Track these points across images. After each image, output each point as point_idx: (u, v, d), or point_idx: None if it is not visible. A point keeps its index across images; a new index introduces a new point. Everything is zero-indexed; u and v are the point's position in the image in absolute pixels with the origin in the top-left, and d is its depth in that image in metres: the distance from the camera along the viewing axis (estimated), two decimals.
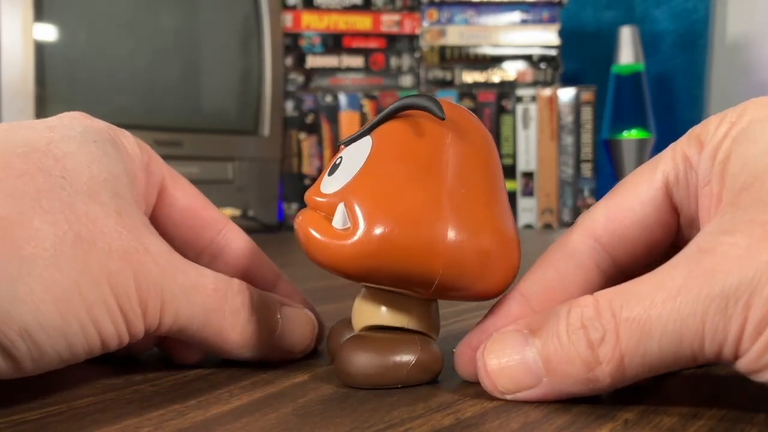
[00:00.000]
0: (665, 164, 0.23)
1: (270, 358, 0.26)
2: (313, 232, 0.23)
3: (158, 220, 0.27)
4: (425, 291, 0.23)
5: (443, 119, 0.23)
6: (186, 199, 0.28)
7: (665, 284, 0.19)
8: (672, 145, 0.23)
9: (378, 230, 0.22)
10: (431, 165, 0.23)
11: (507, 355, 0.21)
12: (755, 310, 0.18)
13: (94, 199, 0.22)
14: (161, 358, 0.28)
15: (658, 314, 0.19)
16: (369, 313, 0.25)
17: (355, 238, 0.22)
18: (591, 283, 0.24)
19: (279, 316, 0.26)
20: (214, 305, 0.24)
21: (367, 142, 0.24)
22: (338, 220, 0.23)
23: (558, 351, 0.20)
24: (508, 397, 0.22)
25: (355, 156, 0.24)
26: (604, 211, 0.24)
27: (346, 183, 0.23)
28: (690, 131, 0.23)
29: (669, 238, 0.24)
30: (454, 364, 0.24)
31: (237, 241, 0.29)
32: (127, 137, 0.26)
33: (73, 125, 0.24)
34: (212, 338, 0.24)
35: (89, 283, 0.21)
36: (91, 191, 0.22)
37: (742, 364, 0.19)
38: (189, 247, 0.28)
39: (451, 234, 0.22)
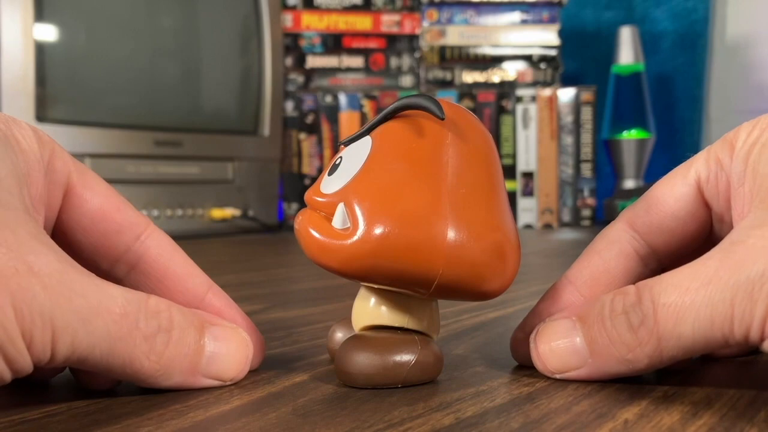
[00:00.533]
0: (699, 164, 0.25)
1: (194, 386, 0.23)
2: (313, 232, 0.23)
3: (65, 226, 0.24)
4: (425, 291, 0.23)
5: (443, 119, 0.23)
6: (97, 199, 0.24)
7: (699, 273, 0.21)
8: (707, 148, 0.25)
9: (378, 230, 0.22)
10: (431, 165, 0.23)
11: (556, 339, 0.24)
12: None
13: None
14: None
15: (692, 300, 0.21)
16: (369, 312, 0.25)
17: (355, 237, 0.22)
18: (631, 269, 0.26)
19: (205, 339, 0.23)
20: (121, 332, 0.20)
21: (366, 142, 0.24)
22: (338, 220, 0.23)
23: (602, 334, 0.23)
24: (557, 376, 0.24)
25: (355, 156, 0.24)
26: (643, 205, 0.26)
27: (346, 183, 0.23)
28: (724, 136, 0.25)
29: (702, 231, 0.26)
30: (510, 348, 0.27)
31: (158, 248, 0.25)
32: (23, 129, 0.22)
33: None
34: (120, 368, 0.21)
35: None
36: None
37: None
38: (102, 256, 0.24)
39: (451, 234, 0.22)
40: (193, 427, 0.20)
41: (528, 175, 1.25)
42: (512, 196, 1.25)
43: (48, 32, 0.92)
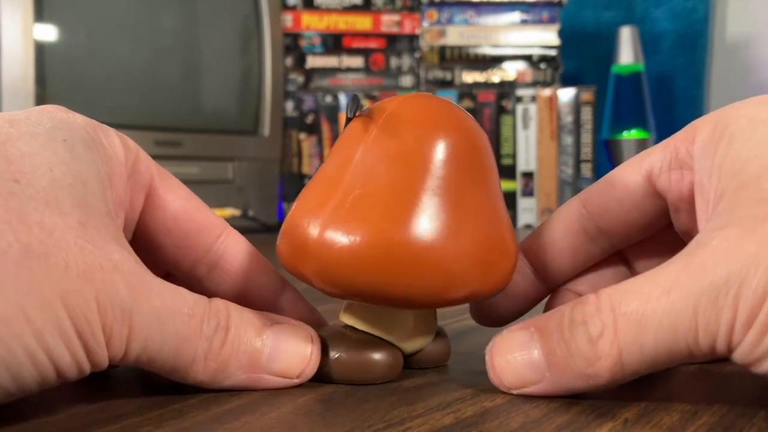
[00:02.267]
0: (655, 155, 0.25)
1: (260, 386, 0.23)
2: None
3: (147, 227, 0.25)
4: (321, 289, 0.23)
5: (350, 117, 0.24)
6: (178, 201, 0.25)
7: (661, 280, 0.20)
8: (666, 140, 0.25)
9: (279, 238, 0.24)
10: (337, 167, 0.23)
11: (512, 352, 0.22)
12: (744, 301, 0.18)
13: (52, 207, 0.19)
14: None
15: (653, 309, 0.19)
16: (344, 311, 0.26)
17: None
18: (578, 245, 0.26)
19: (265, 336, 0.23)
20: (188, 333, 0.21)
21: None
22: None
23: (560, 346, 0.21)
24: (514, 391, 0.22)
25: None
26: (598, 186, 0.26)
27: None
28: (686, 127, 0.24)
29: (652, 221, 0.26)
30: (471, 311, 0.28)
31: (237, 248, 0.26)
32: (109, 135, 0.23)
33: (41, 120, 0.21)
34: (183, 369, 0.21)
35: (38, 304, 0.18)
36: (50, 198, 0.19)
37: (737, 357, 0.19)
38: (184, 256, 0.25)
39: (314, 232, 0.22)
40: (193, 427, 0.19)
41: (528, 175, 1.25)
42: (512, 196, 1.25)
43: (48, 32, 0.92)
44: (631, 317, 0.20)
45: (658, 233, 0.26)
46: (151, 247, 0.25)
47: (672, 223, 0.26)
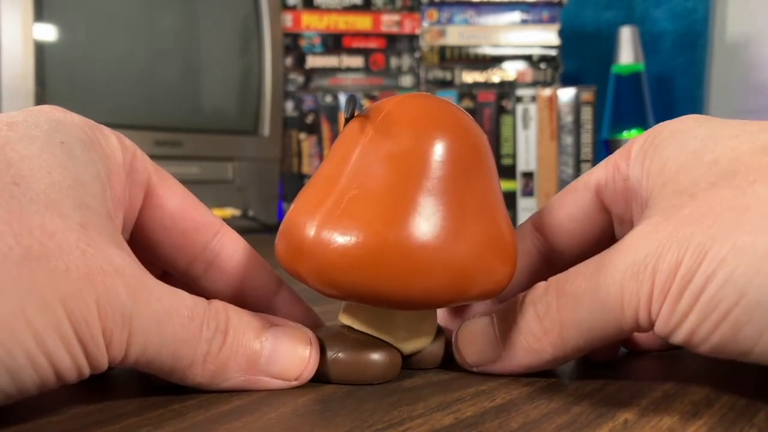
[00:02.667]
0: (598, 171, 0.27)
1: (258, 387, 0.23)
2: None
3: (146, 225, 0.25)
4: (316, 289, 0.23)
5: (348, 118, 0.24)
6: (176, 200, 0.25)
7: (595, 262, 0.23)
8: (608, 156, 0.27)
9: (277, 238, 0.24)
10: (335, 166, 0.24)
11: (474, 333, 0.25)
12: (660, 275, 0.21)
13: (53, 209, 0.19)
14: None
15: (586, 286, 0.22)
16: (342, 311, 0.26)
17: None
18: (532, 265, 0.28)
19: (263, 339, 0.23)
20: (187, 335, 0.21)
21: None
22: None
23: (512, 325, 0.24)
24: (475, 369, 0.25)
25: None
26: (549, 206, 0.28)
27: None
28: (624, 145, 0.26)
29: (602, 234, 0.27)
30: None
31: (233, 246, 0.26)
32: (106, 135, 0.23)
33: (39, 122, 0.21)
34: (181, 371, 0.21)
35: (38, 307, 0.18)
36: (50, 200, 0.19)
37: (657, 328, 0.21)
38: (181, 254, 0.26)
39: (311, 233, 0.22)
40: (193, 427, 0.19)
41: (528, 175, 1.25)
42: (512, 196, 1.25)
43: (48, 32, 0.92)
44: (569, 295, 0.23)
45: None
46: (148, 245, 0.26)
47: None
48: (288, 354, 0.23)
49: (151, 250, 0.26)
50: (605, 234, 0.27)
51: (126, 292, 0.19)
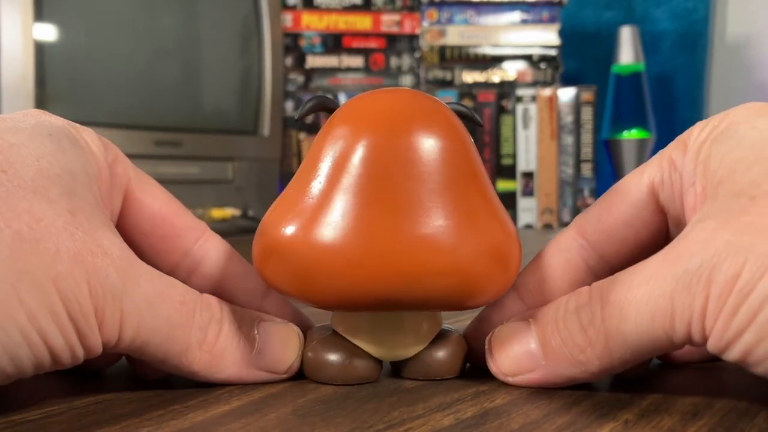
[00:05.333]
0: (652, 168, 0.24)
1: (247, 380, 0.23)
2: None
3: (125, 230, 0.25)
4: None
5: (296, 119, 0.24)
6: (156, 204, 0.25)
7: (643, 269, 0.20)
8: (661, 151, 0.24)
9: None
10: (309, 164, 0.23)
11: (510, 341, 0.23)
12: (715, 286, 0.19)
13: (40, 195, 0.19)
14: None
15: (633, 296, 0.20)
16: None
17: None
18: (579, 280, 0.25)
19: (256, 332, 0.23)
20: (180, 319, 0.21)
21: None
22: None
23: (554, 335, 0.22)
24: (511, 380, 0.23)
25: None
26: (595, 211, 0.25)
27: None
28: (678, 137, 0.24)
29: (657, 238, 0.25)
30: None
31: (216, 253, 0.26)
32: (89, 134, 0.24)
33: (25, 118, 0.22)
34: (176, 357, 0.22)
35: (30, 286, 0.18)
36: (38, 187, 0.19)
37: (711, 344, 0.19)
38: (162, 260, 0.25)
39: (289, 229, 0.23)
40: (193, 428, 0.19)
41: (528, 175, 1.25)
42: (512, 196, 1.25)
43: (48, 32, 0.92)
44: (614, 305, 0.21)
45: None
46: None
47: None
48: (277, 347, 0.24)
49: None
50: (660, 238, 0.25)
51: (116, 273, 0.20)
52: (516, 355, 0.23)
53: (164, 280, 0.22)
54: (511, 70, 1.30)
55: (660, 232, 0.25)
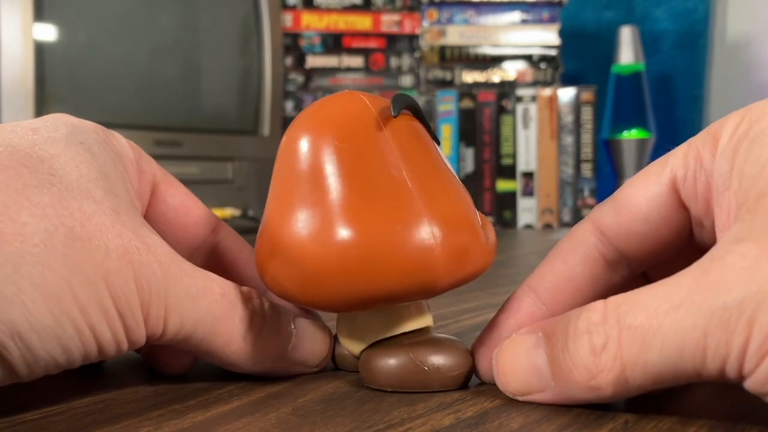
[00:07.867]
0: (676, 160, 0.22)
1: (281, 372, 0.25)
2: None
3: (151, 220, 0.27)
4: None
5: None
6: (178, 196, 0.27)
7: (670, 294, 0.18)
8: (688, 141, 0.22)
9: None
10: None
11: (518, 357, 0.22)
12: (759, 327, 0.17)
13: (86, 196, 0.20)
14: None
15: (660, 324, 0.18)
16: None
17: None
18: (598, 275, 0.23)
19: (293, 327, 0.24)
20: (221, 312, 0.22)
21: None
22: None
23: (564, 356, 0.20)
24: (519, 398, 0.22)
25: None
26: (612, 205, 0.23)
27: None
28: (708, 127, 0.22)
29: (678, 236, 0.23)
30: (475, 366, 0.24)
31: (229, 240, 0.28)
32: (116, 137, 0.25)
33: (57, 126, 0.23)
34: (219, 349, 0.23)
35: (83, 282, 0.19)
36: (83, 189, 0.21)
37: (750, 385, 0.18)
38: (182, 246, 0.27)
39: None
40: (193, 427, 0.19)
41: (528, 175, 1.25)
42: (512, 196, 1.25)
43: (48, 32, 0.92)
44: (636, 331, 0.18)
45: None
46: None
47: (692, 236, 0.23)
48: (310, 342, 0.25)
49: None
50: (683, 235, 0.23)
51: (160, 269, 0.21)
52: (524, 373, 0.21)
53: (204, 275, 0.23)
54: (511, 70, 1.30)
55: (683, 229, 0.23)
